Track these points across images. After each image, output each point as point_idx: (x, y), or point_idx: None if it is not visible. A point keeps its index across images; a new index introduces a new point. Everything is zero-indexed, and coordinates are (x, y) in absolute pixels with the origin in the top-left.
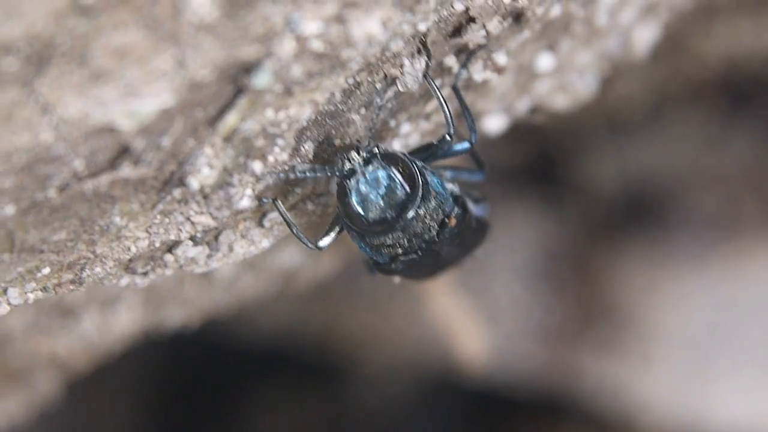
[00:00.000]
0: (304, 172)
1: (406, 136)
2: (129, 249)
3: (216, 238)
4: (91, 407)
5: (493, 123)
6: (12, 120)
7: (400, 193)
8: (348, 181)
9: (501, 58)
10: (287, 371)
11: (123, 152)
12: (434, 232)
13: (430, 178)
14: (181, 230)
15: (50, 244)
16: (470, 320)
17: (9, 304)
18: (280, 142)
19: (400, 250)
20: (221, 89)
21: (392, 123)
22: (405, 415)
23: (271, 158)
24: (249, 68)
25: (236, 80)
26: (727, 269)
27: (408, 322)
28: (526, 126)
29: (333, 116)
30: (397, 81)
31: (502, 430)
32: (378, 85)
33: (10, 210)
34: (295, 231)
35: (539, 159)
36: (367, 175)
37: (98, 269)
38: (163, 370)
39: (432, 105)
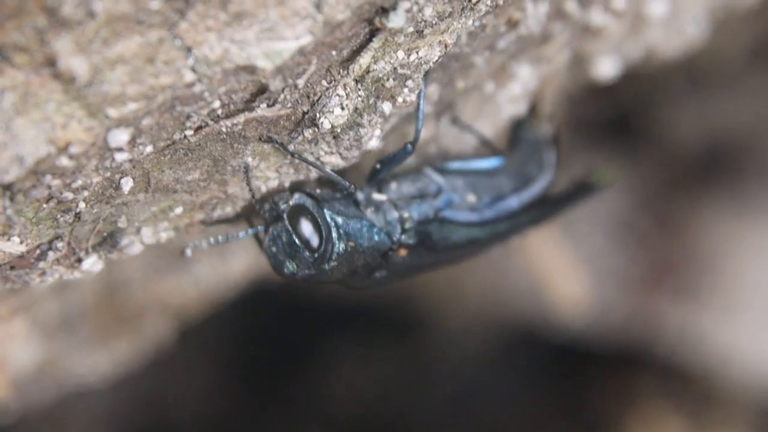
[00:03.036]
0: (229, 238)
1: (526, 80)
2: (259, 189)
3: None
4: (174, 363)
5: (606, 67)
6: (155, 61)
7: (303, 250)
8: (264, 238)
9: (619, 3)
10: (367, 325)
11: (260, 92)
12: (378, 262)
13: (352, 226)
14: (310, 170)
15: (183, 184)
16: (569, 266)
17: (142, 243)
18: (409, 83)
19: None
20: (356, 31)
21: (512, 66)
22: (484, 369)
23: (399, 99)
24: (384, 9)
25: (371, 22)
26: None
27: (493, 275)
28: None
29: (458, 58)
30: (520, 24)
31: (582, 383)
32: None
33: (148, 149)
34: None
35: (620, 112)
36: (274, 233)
37: (229, 209)
38: (242, 326)
39: (551, 48)
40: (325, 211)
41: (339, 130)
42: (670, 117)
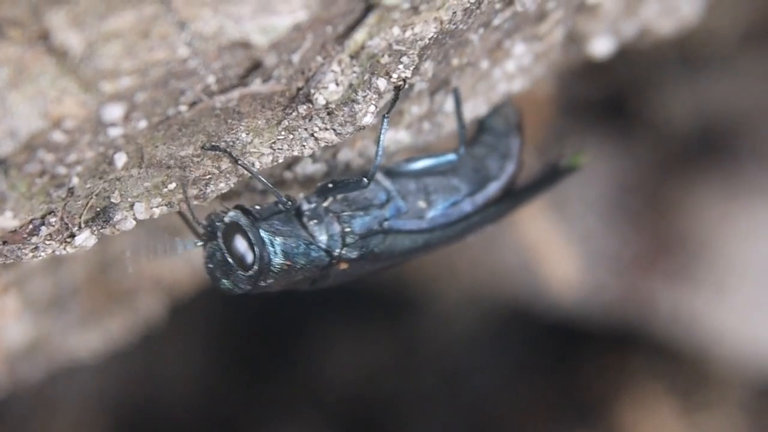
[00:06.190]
0: (183, 246)
1: (520, 57)
2: (253, 165)
3: (334, 156)
4: (164, 342)
5: (601, 45)
6: (149, 35)
7: (237, 269)
8: (203, 252)
9: None
10: (358, 306)
11: (254, 68)
12: (318, 274)
13: (288, 245)
14: (304, 146)
15: (177, 160)
16: (562, 245)
17: (135, 219)
18: (404, 59)
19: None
20: (351, 6)
21: (507, 43)
22: (476, 349)
23: (394, 75)
24: None
25: None
26: None
27: (485, 254)
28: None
29: (453, 35)
30: (516, 1)
31: (574, 364)
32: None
33: (142, 124)
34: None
35: (612, 93)
36: (210, 251)
37: (222, 185)
38: (232, 306)
39: (546, 26)
40: (261, 229)
41: (333, 106)
42: (664, 98)
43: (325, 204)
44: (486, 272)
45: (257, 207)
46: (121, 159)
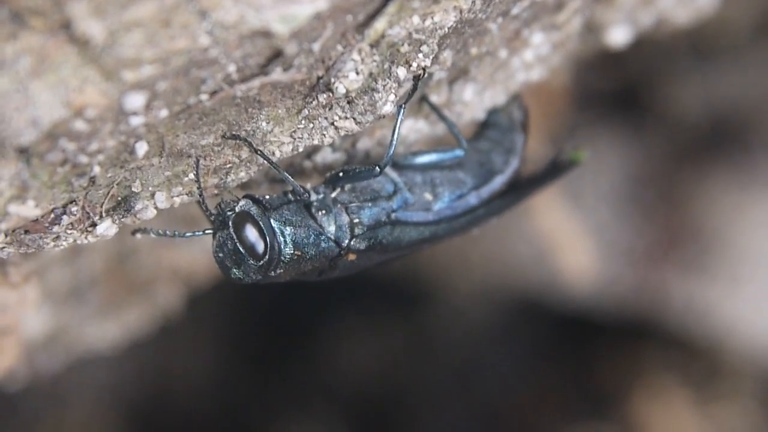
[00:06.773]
0: (183, 235)
1: (538, 47)
2: (273, 154)
3: (353, 145)
4: (179, 335)
5: (619, 35)
6: (171, 24)
7: (248, 258)
8: (212, 241)
9: None
10: (371, 299)
11: (275, 57)
12: (326, 265)
13: (298, 234)
14: (324, 135)
15: (198, 149)
16: (577, 236)
17: (156, 208)
18: (424, 48)
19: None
20: None
21: (525, 33)
22: (489, 342)
23: (414, 64)
24: None
25: None
26: None
27: (498, 246)
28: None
29: (472, 24)
30: None
31: (587, 356)
32: None
33: (163, 113)
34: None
35: (624, 85)
36: (220, 240)
37: (243, 174)
38: (245, 299)
39: (564, 15)
40: (271, 219)
41: (353, 95)
42: (676, 90)
43: (333, 195)
44: (499, 264)
45: (267, 196)
46: (142, 148)
